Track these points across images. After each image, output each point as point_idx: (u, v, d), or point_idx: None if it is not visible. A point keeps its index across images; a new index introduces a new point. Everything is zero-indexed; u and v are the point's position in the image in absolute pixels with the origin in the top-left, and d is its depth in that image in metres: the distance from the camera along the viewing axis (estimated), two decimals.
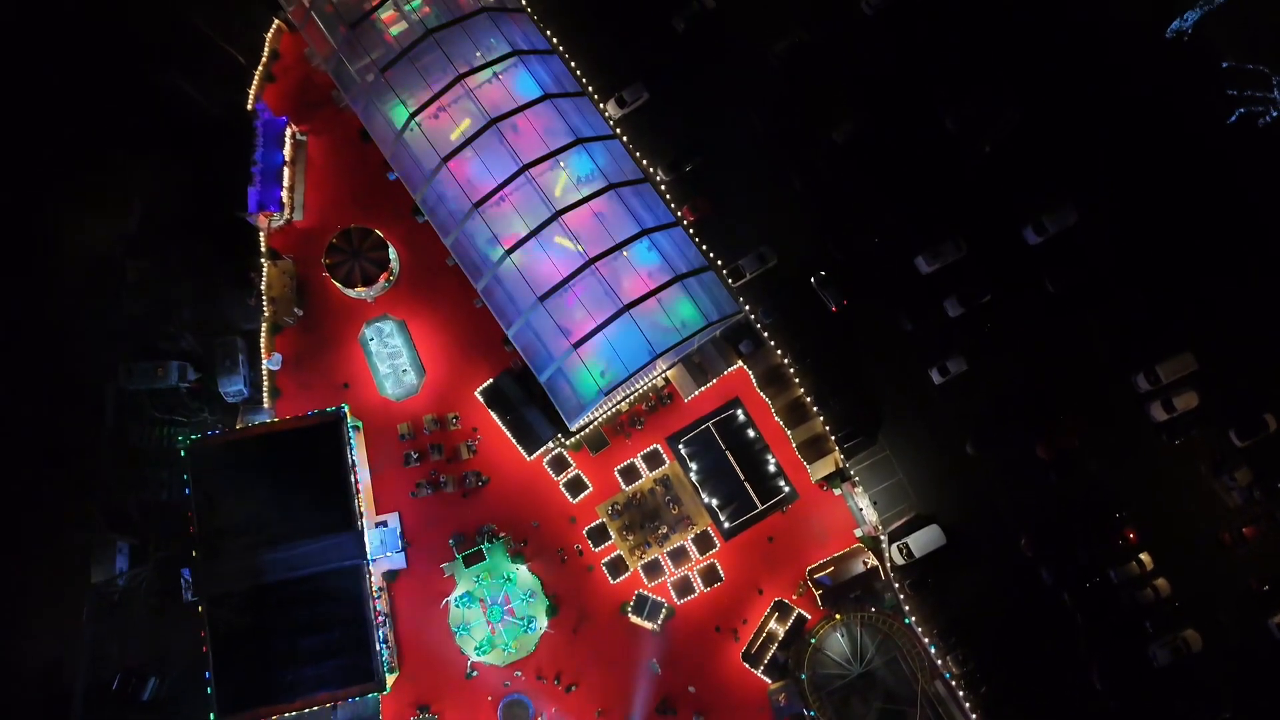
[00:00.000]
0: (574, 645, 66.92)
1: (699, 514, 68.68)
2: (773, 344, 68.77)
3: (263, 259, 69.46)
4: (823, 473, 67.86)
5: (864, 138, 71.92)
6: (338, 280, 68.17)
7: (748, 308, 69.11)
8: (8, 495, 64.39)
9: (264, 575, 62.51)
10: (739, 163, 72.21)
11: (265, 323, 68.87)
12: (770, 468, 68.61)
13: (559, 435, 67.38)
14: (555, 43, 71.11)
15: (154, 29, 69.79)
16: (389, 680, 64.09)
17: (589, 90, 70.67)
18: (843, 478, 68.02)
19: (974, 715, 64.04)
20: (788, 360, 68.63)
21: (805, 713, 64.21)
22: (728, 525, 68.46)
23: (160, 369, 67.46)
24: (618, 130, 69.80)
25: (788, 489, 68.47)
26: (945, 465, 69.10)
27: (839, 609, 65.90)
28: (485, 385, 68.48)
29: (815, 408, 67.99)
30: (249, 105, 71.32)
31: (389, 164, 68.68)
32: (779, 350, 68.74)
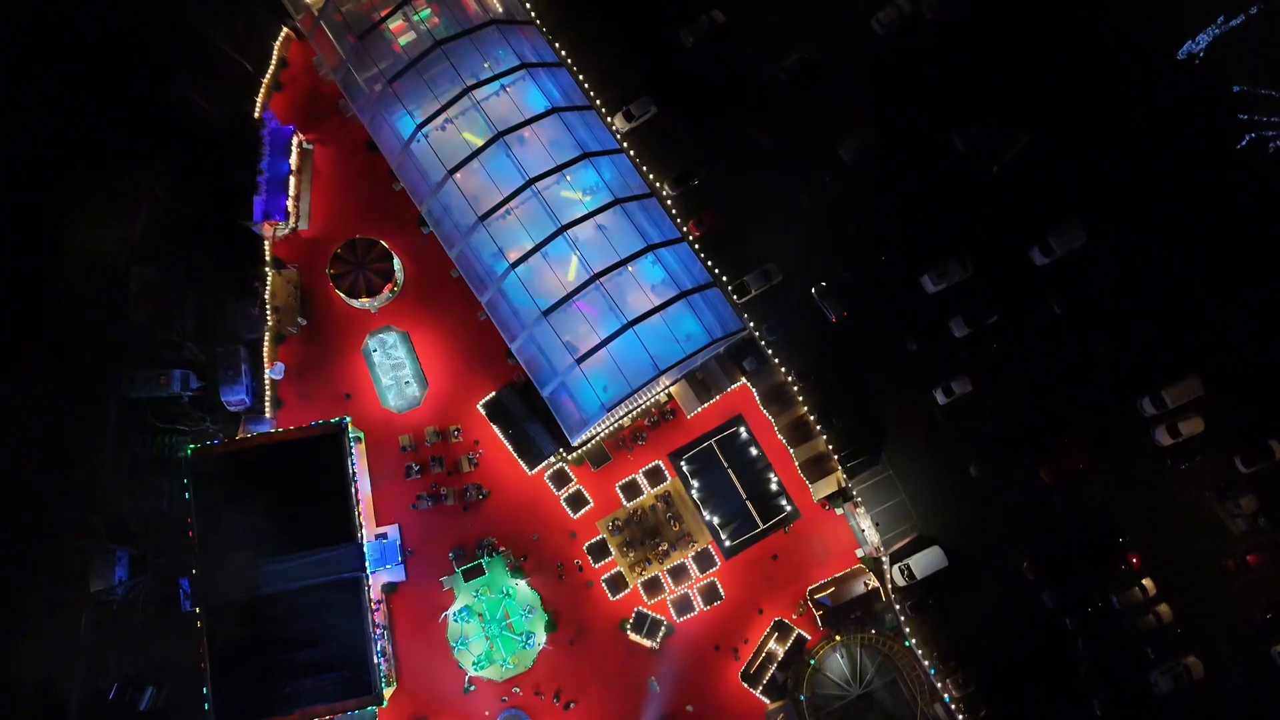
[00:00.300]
0: (572, 662, 66.68)
1: (700, 531, 68.43)
2: (777, 361, 68.54)
3: (267, 268, 69.37)
4: (825, 492, 67.61)
5: (872, 156, 71.72)
6: (342, 290, 68.09)
7: (752, 324, 68.91)
8: (8, 503, 64.18)
9: (263, 586, 62.45)
10: (746, 179, 71.98)
11: (268, 332, 68.72)
12: (772, 486, 68.37)
13: (561, 450, 67.21)
14: (563, 56, 70.98)
15: (161, 36, 69.57)
16: (386, 694, 63.93)
17: (597, 104, 70.50)
18: (845, 497, 67.77)
19: None
20: (791, 378, 68.38)
21: None
22: (729, 543, 68.19)
23: (163, 377, 67.33)
24: (625, 144, 69.60)
25: (789, 508, 68.23)
26: (948, 487, 68.81)
27: (839, 630, 65.66)
28: (488, 398, 68.28)
29: (818, 426, 67.75)
30: (256, 113, 71.22)
31: (395, 175, 68.57)
32: (783, 368, 68.48)
